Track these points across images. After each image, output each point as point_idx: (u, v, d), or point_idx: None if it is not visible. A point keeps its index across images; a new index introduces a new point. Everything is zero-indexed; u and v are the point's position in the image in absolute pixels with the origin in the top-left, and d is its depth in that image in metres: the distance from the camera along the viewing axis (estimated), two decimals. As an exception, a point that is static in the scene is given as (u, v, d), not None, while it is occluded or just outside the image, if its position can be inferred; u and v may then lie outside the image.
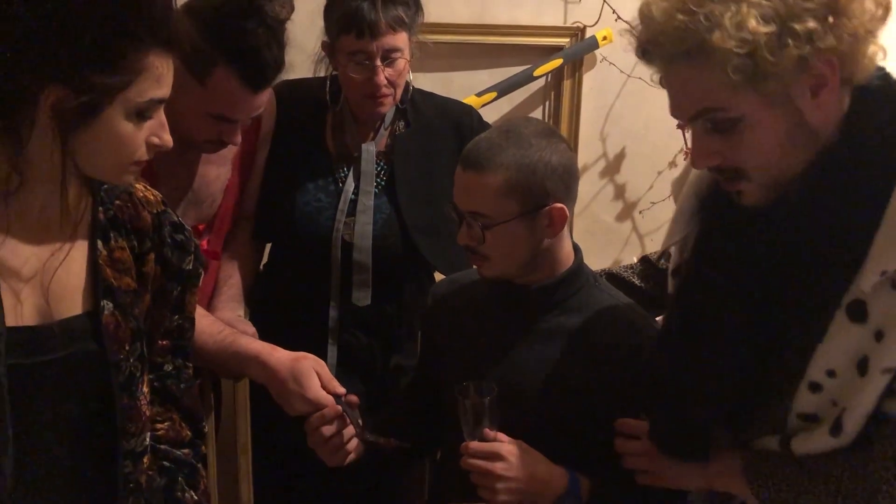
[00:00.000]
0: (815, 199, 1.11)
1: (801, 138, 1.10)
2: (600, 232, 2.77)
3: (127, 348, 1.17)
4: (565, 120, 2.67)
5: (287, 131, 1.90)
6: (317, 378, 1.46)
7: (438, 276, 1.98)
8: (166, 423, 1.32)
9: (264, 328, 1.73)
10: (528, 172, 1.36)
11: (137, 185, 1.23)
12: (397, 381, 1.95)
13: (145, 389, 1.22)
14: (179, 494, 1.30)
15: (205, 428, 1.38)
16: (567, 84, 2.67)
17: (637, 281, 1.69)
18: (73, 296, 1.14)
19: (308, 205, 1.87)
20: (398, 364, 1.96)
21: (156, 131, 1.11)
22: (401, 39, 1.75)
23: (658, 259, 1.69)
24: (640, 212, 2.77)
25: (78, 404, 1.14)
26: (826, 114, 1.09)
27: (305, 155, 1.90)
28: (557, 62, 2.61)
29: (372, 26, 1.70)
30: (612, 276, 1.68)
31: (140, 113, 1.07)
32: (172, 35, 1.07)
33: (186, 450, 1.34)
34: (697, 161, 1.17)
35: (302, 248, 1.89)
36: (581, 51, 2.62)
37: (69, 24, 0.98)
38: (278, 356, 1.49)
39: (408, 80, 1.87)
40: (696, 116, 1.13)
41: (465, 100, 2.45)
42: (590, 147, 2.72)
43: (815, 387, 1.14)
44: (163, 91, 1.08)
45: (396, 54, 1.75)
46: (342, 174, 1.89)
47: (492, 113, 2.58)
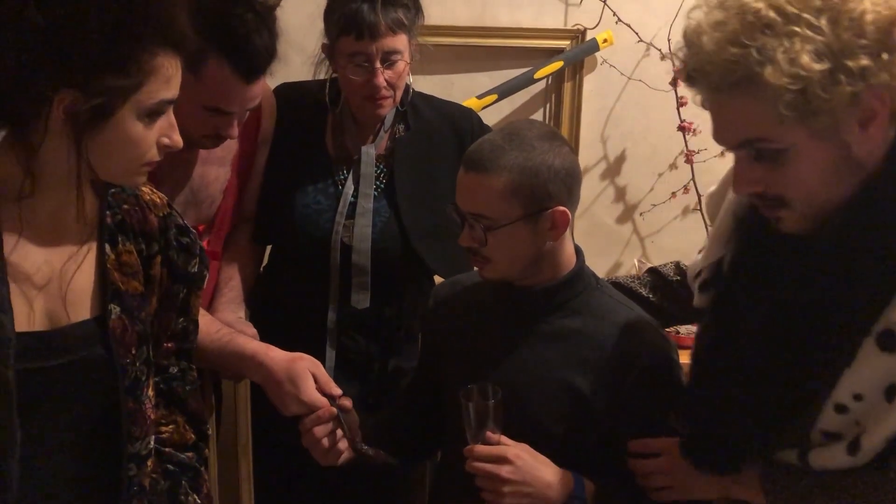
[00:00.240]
0: (856, 229, 1.10)
1: (846, 170, 1.09)
2: (601, 234, 2.78)
3: (133, 352, 1.17)
4: (566, 122, 2.67)
5: (287, 133, 1.90)
6: (312, 380, 1.46)
7: (437, 280, 1.98)
8: (171, 427, 1.32)
9: (263, 330, 1.73)
10: (531, 175, 1.36)
11: (144, 189, 1.24)
12: (395, 384, 1.95)
13: (150, 393, 1.22)
14: (183, 498, 1.31)
15: (208, 430, 1.38)
16: (567, 86, 2.67)
17: (644, 292, 1.67)
18: (83, 300, 1.14)
19: (307, 207, 1.87)
20: (396, 367, 1.96)
21: (166, 132, 1.11)
22: (400, 41, 1.75)
23: (676, 272, 1.66)
24: (641, 214, 2.78)
25: (84, 408, 1.15)
26: (873, 146, 1.08)
27: (305, 157, 1.89)
28: (558, 64, 2.61)
29: (371, 28, 1.70)
30: (618, 286, 1.66)
31: (151, 114, 1.08)
32: (180, 36, 1.08)
33: (190, 453, 1.34)
34: (739, 187, 1.16)
35: (301, 251, 1.89)
36: (582, 53, 2.63)
37: (81, 29, 0.99)
38: (274, 356, 1.49)
39: (408, 83, 1.87)
40: (742, 146, 1.12)
41: (466, 102, 2.46)
42: (590, 149, 2.72)
43: (842, 408, 1.14)
44: (172, 92, 1.09)
45: (396, 56, 1.75)
46: (342, 176, 1.89)
47: (492, 115, 2.59)
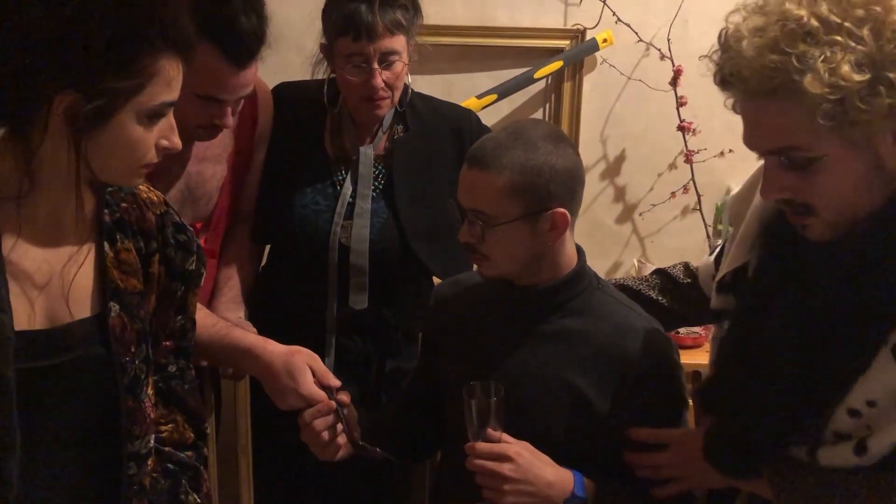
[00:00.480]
0: (880, 240, 1.10)
1: (877, 181, 1.09)
2: (600, 234, 2.78)
3: (133, 350, 1.17)
4: (565, 122, 2.68)
5: (285, 133, 1.90)
6: (310, 373, 1.46)
7: (436, 281, 1.98)
8: (170, 426, 1.32)
9: (262, 329, 1.72)
10: (533, 175, 1.36)
11: (141, 186, 1.24)
12: (394, 385, 1.95)
13: (150, 392, 1.22)
14: (183, 497, 1.31)
15: (207, 429, 1.38)
16: (567, 86, 2.68)
17: (654, 294, 1.65)
18: (82, 298, 1.14)
19: (306, 207, 1.87)
20: (395, 367, 1.96)
21: (165, 134, 1.11)
22: (398, 42, 1.75)
23: (686, 275, 1.66)
24: (641, 214, 2.78)
25: (84, 407, 1.15)
26: None
27: (303, 157, 1.89)
28: (558, 64, 2.61)
29: (369, 29, 1.70)
30: (626, 288, 1.65)
31: (151, 116, 1.07)
32: (183, 39, 1.08)
33: (190, 452, 1.34)
34: (767, 193, 1.15)
35: (300, 251, 1.89)
36: (581, 53, 2.63)
37: (85, 30, 0.99)
38: (272, 350, 1.48)
39: (406, 84, 1.87)
40: (774, 153, 1.11)
41: (466, 102, 2.46)
42: (590, 149, 2.72)
43: (855, 413, 1.14)
44: (173, 94, 1.09)
45: (394, 57, 1.75)
46: (340, 177, 1.89)
47: (492, 115, 2.59)
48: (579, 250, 1.50)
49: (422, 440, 1.69)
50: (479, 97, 2.57)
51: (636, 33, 2.59)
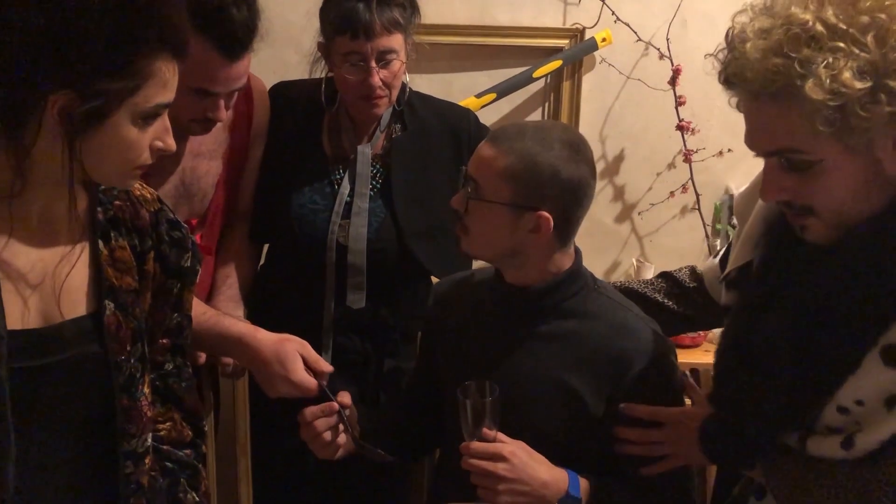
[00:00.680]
0: (878, 243, 1.11)
1: (876, 186, 1.10)
2: (599, 233, 2.78)
3: (128, 349, 1.17)
4: (564, 121, 2.67)
5: (283, 132, 1.90)
6: (301, 361, 1.46)
7: (434, 280, 1.98)
8: (168, 424, 1.32)
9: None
10: (534, 170, 1.36)
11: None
12: (392, 384, 1.95)
13: (146, 390, 1.22)
14: (182, 496, 1.31)
15: (205, 427, 1.38)
16: (566, 85, 2.68)
17: (660, 297, 1.64)
18: (77, 297, 1.14)
19: (303, 207, 1.86)
20: (393, 367, 1.95)
21: (160, 135, 1.11)
22: (396, 41, 1.74)
23: (692, 279, 1.65)
24: (639, 213, 2.78)
25: (80, 406, 1.15)
26: None
27: (301, 156, 1.89)
28: (557, 63, 2.61)
29: (366, 27, 1.70)
30: (631, 292, 1.64)
31: (146, 118, 1.07)
32: (180, 40, 1.07)
33: (188, 450, 1.34)
34: (767, 194, 1.16)
35: (297, 250, 1.89)
36: (580, 52, 2.63)
37: (81, 30, 0.99)
38: (262, 338, 1.48)
39: (405, 82, 1.87)
40: (774, 154, 1.12)
41: (465, 101, 2.46)
42: (589, 149, 2.72)
43: (844, 410, 1.15)
44: (168, 96, 1.08)
45: (391, 56, 1.75)
46: (338, 176, 1.88)
47: (491, 114, 2.59)
48: (576, 250, 1.50)
49: (421, 439, 1.70)
50: (478, 96, 2.57)
51: (635, 33, 2.59)
